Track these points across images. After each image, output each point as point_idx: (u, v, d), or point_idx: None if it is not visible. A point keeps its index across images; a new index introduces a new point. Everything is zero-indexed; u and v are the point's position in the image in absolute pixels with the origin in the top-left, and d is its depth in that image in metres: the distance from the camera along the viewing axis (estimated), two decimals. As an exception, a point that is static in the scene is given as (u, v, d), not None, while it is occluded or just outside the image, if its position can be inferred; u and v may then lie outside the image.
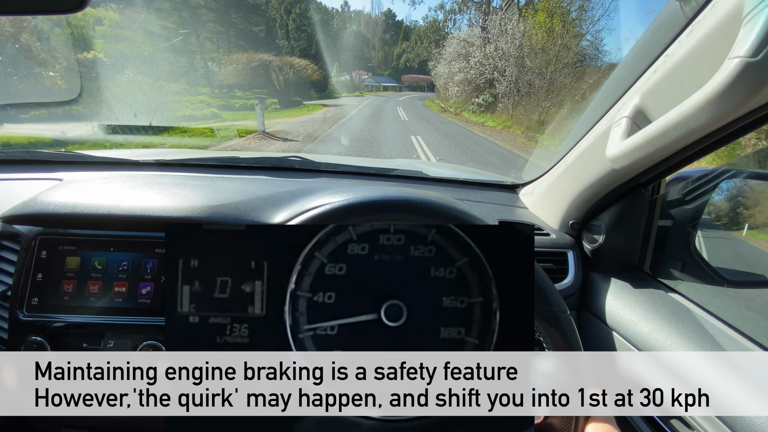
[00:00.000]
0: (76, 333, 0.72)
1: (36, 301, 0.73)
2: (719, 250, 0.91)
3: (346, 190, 0.60)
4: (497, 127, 14.81)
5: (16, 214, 0.76)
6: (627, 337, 0.77)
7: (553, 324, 0.50)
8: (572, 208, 0.92)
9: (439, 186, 1.23)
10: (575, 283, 0.90)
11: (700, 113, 0.53)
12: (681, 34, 0.58)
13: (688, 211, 0.87)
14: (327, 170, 1.23)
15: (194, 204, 0.77)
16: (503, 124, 14.96)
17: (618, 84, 0.72)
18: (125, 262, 0.75)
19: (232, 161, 1.29)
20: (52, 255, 0.74)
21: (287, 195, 0.80)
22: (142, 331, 0.72)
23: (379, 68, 61.23)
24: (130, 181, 0.88)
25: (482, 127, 14.93)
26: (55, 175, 1.00)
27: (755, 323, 0.71)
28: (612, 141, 0.70)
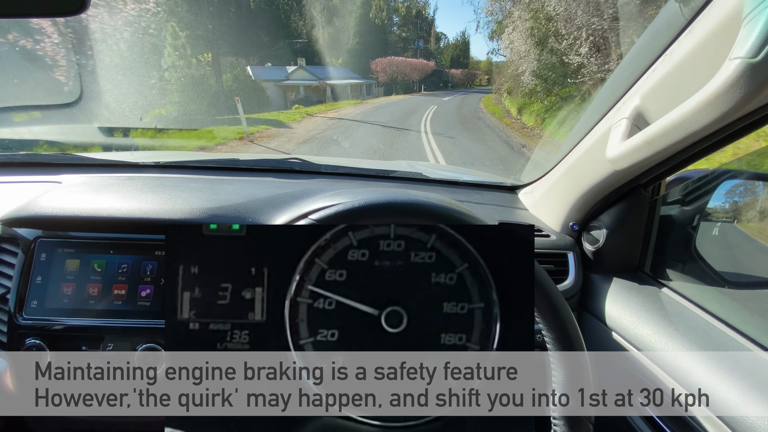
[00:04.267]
0: (75, 336, 0.72)
1: (35, 304, 0.73)
2: (720, 251, 0.91)
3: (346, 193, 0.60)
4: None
5: (16, 216, 0.76)
6: (627, 337, 0.77)
7: (556, 324, 0.50)
8: (572, 210, 0.92)
9: (439, 187, 1.23)
10: (575, 284, 0.90)
11: (700, 114, 0.53)
12: (681, 35, 0.58)
13: (689, 212, 0.87)
14: (327, 172, 1.23)
15: (194, 206, 0.77)
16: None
17: (618, 85, 0.72)
18: (125, 265, 0.75)
19: (232, 163, 1.29)
20: (51, 258, 0.74)
21: (287, 197, 0.79)
22: (142, 334, 0.72)
23: (332, 54, 31.43)
24: (130, 184, 0.88)
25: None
26: (55, 177, 1.00)
27: (755, 324, 0.71)
28: (612, 142, 0.70)
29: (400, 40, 40.10)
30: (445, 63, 42.23)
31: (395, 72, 31.31)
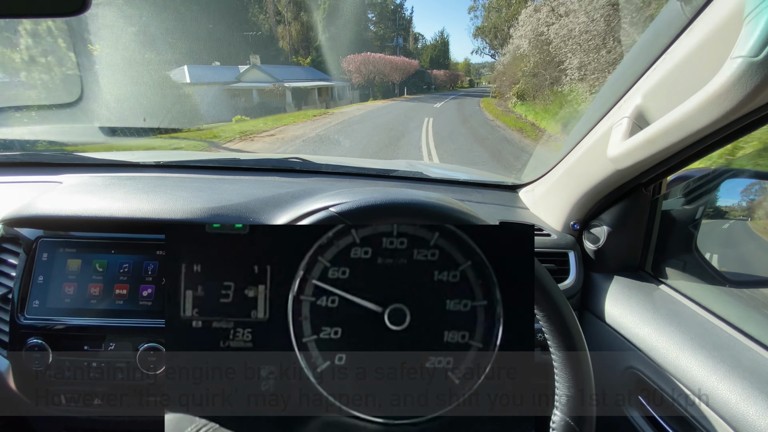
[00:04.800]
0: (77, 335, 0.72)
1: (37, 304, 0.73)
2: (721, 250, 0.91)
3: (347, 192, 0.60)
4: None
5: (17, 216, 0.76)
6: (628, 337, 0.77)
7: (557, 324, 0.50)
8: (573, 209, 0.92)
9: (439, 187, 1.23)
10: (576, 283, 0.90)
11: (701, 113, 0.53)
12: (682, 34, 0.58)
13: (690, 211, 0.87)
14: (328, 171, 1.23)
15: (195, 206, 0.77)
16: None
17: (619, 84, 0.72)
18: (126, 265, 0.75)
19: (233, 163, 1.29)
20: (53, 257, 0.74)
21: (288, 197, 0.80)
22: (143, 334, 0.72)
23: (300, 52, 28.60)
24: (131, 184, 0.88)
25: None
26: (56, 177, 1.00)
27: (756, 323, 0.71)
28: (613, 141, 0.70)
29: (377, 38, 37.16)
30: (425, 64, 38.60)
31: (372, 72, 25.77)
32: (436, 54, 43.03)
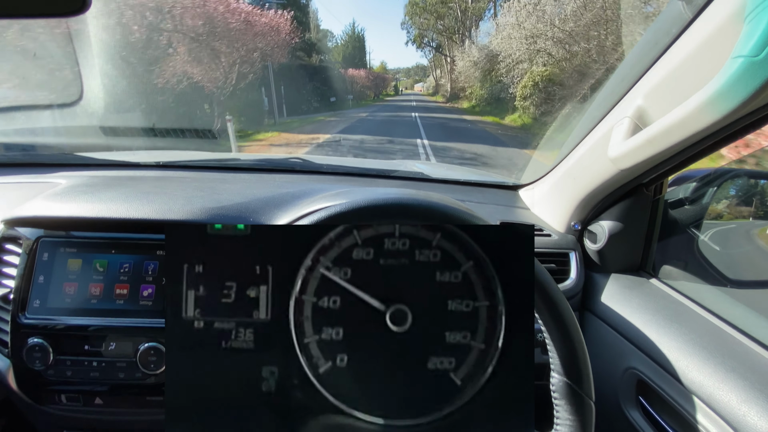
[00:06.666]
0: (77, 335, 0.72)
1: (38, 304, 0.73)
2: (722, 250, 0.91)
3: (348, 192, 0.60)
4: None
5: (18, 216, 0.76)
6: (629, 337, 0.77)
7: (556, 324, 0.50)
8: (574, 209, 0.91)
9: (440, 187, 1.23)
10: (577, 283, 0.90)
11: (702, 113, 0.53)
12: (683, 34, 0.58)
13: (691, 211, 0.87)
14: (328, 172, 1.23)
15: (195, 206, 0.77)
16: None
17: (620, 84, 0.72)
18: (126, 264, 0.75)
19: (234, 163, 1.29)
20: (53, 257, 0.74)
21: (289, 197, 0.80)
22: (144, 333, 0.72)
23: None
24: (131, 184, 0.88)
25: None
26: (56, 177, 1.00)
27: (758, 323, 0.71)
28: (614, 141, 0.70)
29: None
30: (337, 63, 30.23)
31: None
32: (350, 51, 34.65)
